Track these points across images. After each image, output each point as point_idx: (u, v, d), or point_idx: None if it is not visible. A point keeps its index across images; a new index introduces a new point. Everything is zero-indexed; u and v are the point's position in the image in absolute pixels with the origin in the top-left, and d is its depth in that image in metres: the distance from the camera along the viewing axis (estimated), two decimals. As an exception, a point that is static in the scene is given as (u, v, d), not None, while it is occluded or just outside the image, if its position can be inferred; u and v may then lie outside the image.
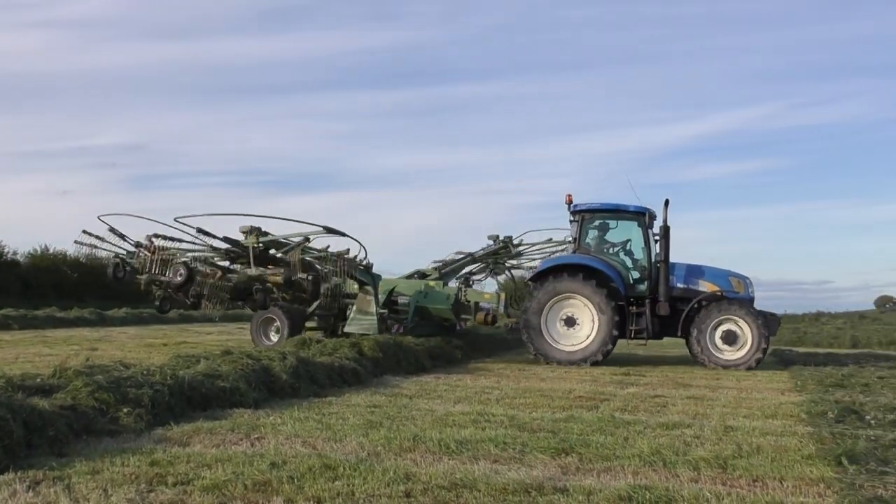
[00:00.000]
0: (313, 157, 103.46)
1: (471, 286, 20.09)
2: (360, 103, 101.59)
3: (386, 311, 17.94)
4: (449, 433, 8.26)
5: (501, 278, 21.68)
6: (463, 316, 20.05)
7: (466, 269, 21.39)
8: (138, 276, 18.57)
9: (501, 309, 19.46)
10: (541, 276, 17.65)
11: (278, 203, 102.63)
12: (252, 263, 17.56)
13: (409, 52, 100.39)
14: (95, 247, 18.76)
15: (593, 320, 17.08)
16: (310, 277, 17.86)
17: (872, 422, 9.51)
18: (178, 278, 17.16)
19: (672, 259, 17.36)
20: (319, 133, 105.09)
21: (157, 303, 19.82)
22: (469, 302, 19.76)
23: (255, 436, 8.05)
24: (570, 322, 17.32)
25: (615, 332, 17.00)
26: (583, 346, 17.11)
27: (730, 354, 16.86)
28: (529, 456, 7.33)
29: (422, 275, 20.69)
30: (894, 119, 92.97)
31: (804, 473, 6.74)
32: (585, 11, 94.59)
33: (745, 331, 16.79)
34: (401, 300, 18.61)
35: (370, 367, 14.02)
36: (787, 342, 33.98)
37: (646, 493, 5.92)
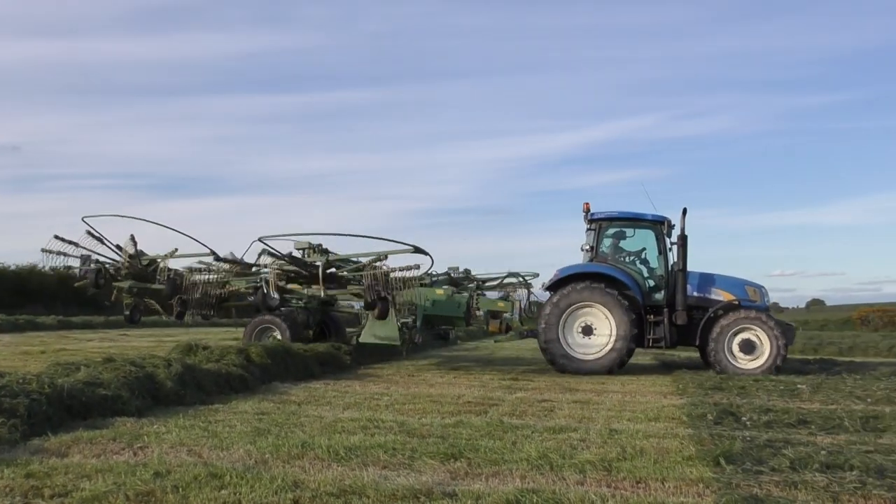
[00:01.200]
0: (199, 160, 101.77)
1: (482, 294, 19.62)
2: (247, 107, 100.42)
3: (410, 319, 17.53)
4: (338, 440, 8.21)
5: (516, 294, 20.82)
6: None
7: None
8: (116, 283, 18.28)
9: (516, 317, 19.02)
10: (558, 284, 17.46)
11: (162, 207, 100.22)
12: (321, 284, 17.51)
13: (297, 57, 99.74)
14: (65, 254, 18.07)
15: (611, 329, 16.95)
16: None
17: (748, 423, 9.87)
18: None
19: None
20: (205, 137, 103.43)
21: (128, 312, 19.20)
22: (480, 310, 19.41)
23: (138, 445, 7.84)
24: (588, 331, 17.15)
25: (633, 342, 16.96)
26: (600, 354, 16.95)
27: (747, 363, 16.81)
28: (419, 461, 7.33)
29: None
30: (767, 131, 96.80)
31: (685, 474, 6.94)
32: (473, 21, 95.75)
33: (763, 340, 16.82)
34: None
35: (258, 373, 13.82)
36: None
37: (533, 496, 6.00)
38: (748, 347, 16.86)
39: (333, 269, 18.16)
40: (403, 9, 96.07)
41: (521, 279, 19.40)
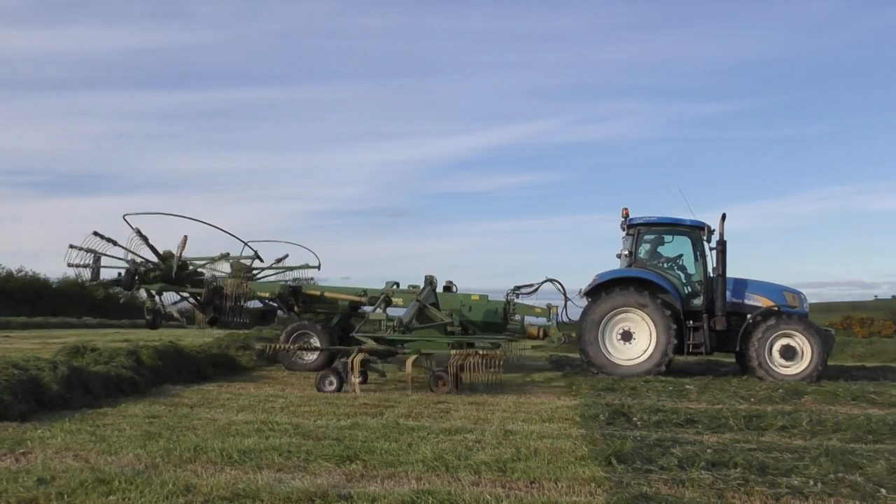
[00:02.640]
0: (92, 157, 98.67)
1: (518, 299, 19.25)
2: (144, 104, 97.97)
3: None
4: (231, 443, 8.08)
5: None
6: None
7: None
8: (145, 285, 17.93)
9: (553, 322, 18.68)
10: (598, 289, 17.20)
11: (52, 206, 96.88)
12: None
13: (195, 54, 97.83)
14: (97, 260, 17.43)
15: (650, 335, 16.78)
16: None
17: (639, 423, 10.12)
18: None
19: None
20: (96, 133, 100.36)
21: (149, 317, 18.47)
22: (517, 316, 19.08)
23: (21, 450, 7.58)
24: (627, 336, 16.97)
25: (673, 348, 16.75)
26: (640, 360, 16.74)
27: (788, 369, 16.64)
28: (314, 464, 7.28)
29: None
30: (659, 138, 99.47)
31: (577, 474, 7.06)
32: (374, 22, 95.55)
33: (805, 346, 16.66)
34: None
35: (149, 375, 13.50)
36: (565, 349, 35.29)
37: (429, 497, 6.02)
38: (789, 353, 16.72)
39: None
40: (304, 8, 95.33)
41: (558, 286, 19.09)
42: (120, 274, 18.24)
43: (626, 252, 17.91)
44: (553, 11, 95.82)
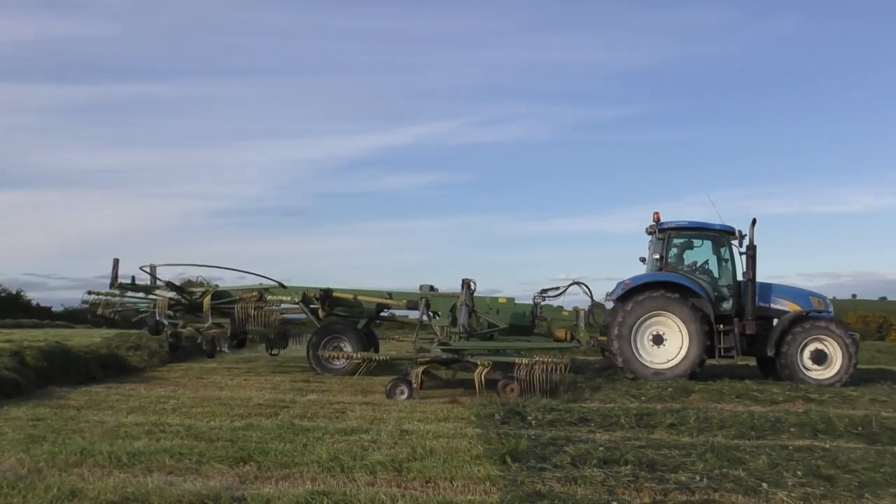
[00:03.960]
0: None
1: (545, 301, 18.55)
2: (33, 97, 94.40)
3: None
4: (120, 445, 7.89)
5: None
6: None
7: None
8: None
9: (581, 325, 17.83)
10: (629, 293, 16.98)
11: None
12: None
13: (88, 46, 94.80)
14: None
15: (682, 338, 16.63)
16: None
17: (533, 422, 10.25)
18: None
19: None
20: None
21: (172, 340, 17.77)
22: (546, 318, 18.72)
23: None
24: (658, 340, 16.81)
25: (706, 352, 16.64)
26: (672, 363, 16.59)
27: (818, 373, 16.61)
28: (206, 466, 7.16)
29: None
30: (560, 141, 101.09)
31: (473, 473, 7.12)
32: (273, 18, 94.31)
33: (835, 350, 16.67)
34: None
35: (33, 377, 13.04)
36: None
37: (324, 498, 5.99)
38: (820, 358, 16.72)
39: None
40: (201, 2, 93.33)
41: (585, 288, 18.88)
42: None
43: (657, 256, 17.69)
44: (452, 12, 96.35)
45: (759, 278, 17.33)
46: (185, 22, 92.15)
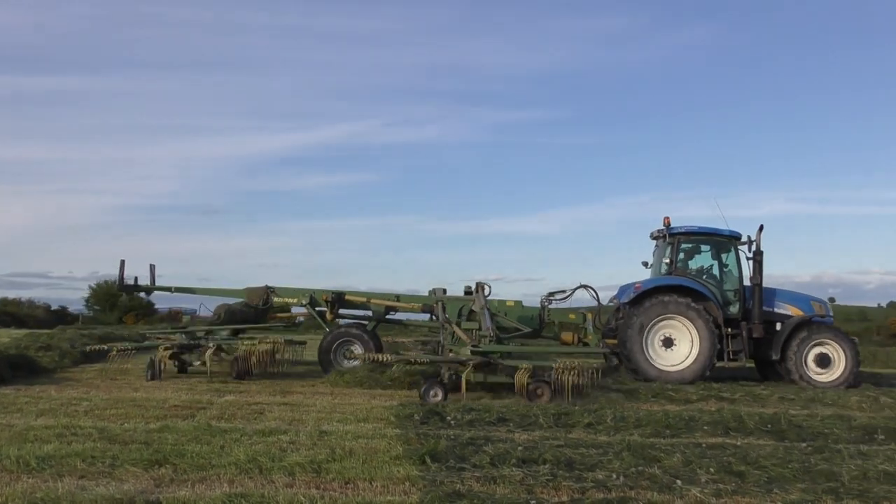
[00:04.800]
0: None
1: (551, 304, 18.51)
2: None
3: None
4: (29, 449, 7.67)
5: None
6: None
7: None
8: None
9: (589, 327, 17.85)
10: (641, 297, 17.16)
11: None
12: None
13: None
14: None
15: (692, 341, 16.88)
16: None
17: (452, 422, 10.29)
18: None
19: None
20: None
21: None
22: (554, 321, 18.44)
23: None
24: (668, 343, 17.01)
25: (716, 355, 16.90)
26: (682, 366, 16.80)
27: (823, 377, 16.95)
28: (120, 469, 7.00)
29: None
30: (475, 142, 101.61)
31: (392, 473, 7.11)
32: (187, 12, 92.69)
33: (839, 354, 17.05)
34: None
35: (-64, 379, 12.58)
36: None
37: (241, 500, 5.93)
38: (823, 361, 17.09)
39: None
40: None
41: (592, 292, 18.62)
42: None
43: (667, 260, 17.99)
44: (372, 12, 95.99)
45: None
46: (103, 13, 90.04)
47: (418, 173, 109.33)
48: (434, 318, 18.29)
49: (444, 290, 18.20)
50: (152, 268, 18.36)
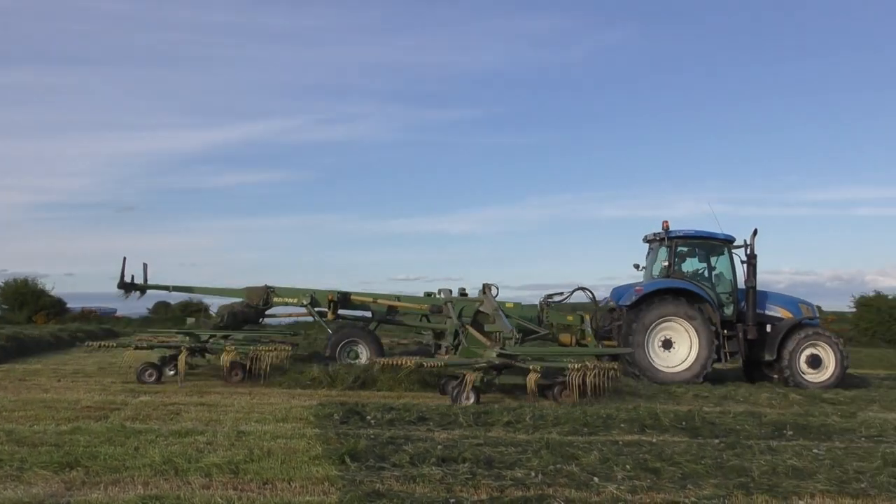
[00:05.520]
0: None
1: (550, 306, 18.60)
2: None
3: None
4: (-67, 453, 7.40)
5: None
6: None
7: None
8: None
9: (588, 329, 17.87)
10: (643, 299, 17.51)
11: None
12: None
13: None
14: None
15: (691, 343, 17.37)
16: None
17: (372, 421, 10.26)
18: None
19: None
20: None
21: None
22: (552, 322, 18.44)
23: None
24: (668, 344, 17.47)
25: (714, 355, 17.43)
26: (682, 367, 17.24)
27: (814, 377, 17.50)
28: (29, 472, 6.81)
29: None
30: (400, 141, 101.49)
31: (311, 473, 7.06)
32: (111, 5, 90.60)
33: (829, 355, 17.63)
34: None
35: None
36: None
37: (156, 502, 5.84)
38: (815, 362, 17.64)
39: None
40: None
41: (589, 294, 18.96)
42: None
43: (666, 263, 18.46)
44: (296, 9, 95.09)
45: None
46: (13, 5, 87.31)
47: (342, 172, 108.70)
48: (426, 319, 18.62)
49: (451, 291, 18.37)
50: (145, 266, 18.15)
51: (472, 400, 12.76)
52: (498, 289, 17.46)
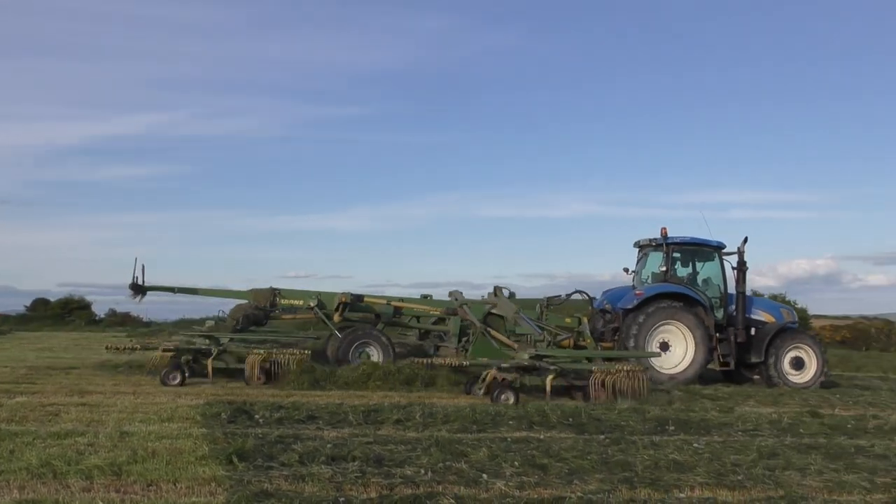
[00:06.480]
0: None
1: (549, 309, 18.48)
2: None
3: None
4: None
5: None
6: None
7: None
8: None
9: (586, 332, 17.49)
10: (641, 303, 18.00)
11: None
12: None
13: None
14: None
15: (686, 346, 18.02)
16: None
17: (261, 420, 10.14)
18: None
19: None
20: None
21: None
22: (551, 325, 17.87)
23: None
24: (664, 347, 18.03)
25: (710, 357, 18.25)
26: (678, 369, 17.82)
27: (797, 378, 18.38)
28: None
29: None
30: (288, 137, 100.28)
31: (198, 474, 6.93)
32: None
33: (812, 357, 18.59)
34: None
35: None
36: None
37: (34, 507, 5.62)
38: (798, 364, 18.52)
39: None
40: None
41: (586, 296, 19.27)
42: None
43: (663, 268, 18.89)
44: (183, 1, 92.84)
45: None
46: None
47: (228, 167, 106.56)
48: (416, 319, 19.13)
49: (462, 294, 18.49)
50: (142, 267, 17.84)
51: (511, 400, 13.13)
52: (510, 291, 17.96)
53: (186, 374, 14.97)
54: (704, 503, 6.76)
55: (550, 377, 13.75)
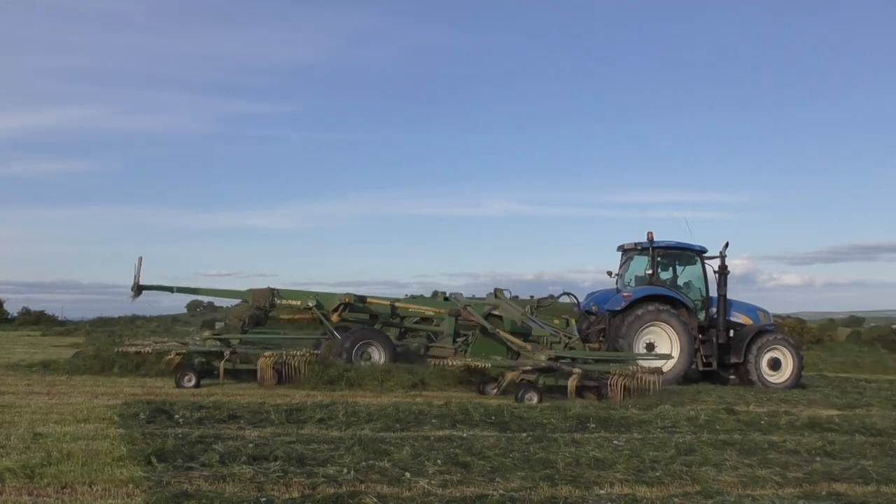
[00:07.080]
0: None
1: (538, 310, 18.43)
2: None
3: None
4: None
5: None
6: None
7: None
8: None
9: (575, 333, 17.38)
10: (628, 305, 18.63)
11: None
12: None
13: None
14: None
15: (671, 346, 18.64)
16: None
17: (181, 420, 9.99)
18: None
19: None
20: None
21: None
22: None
23: None
24: (650, 348, 18.58)
25: (694, 358, 18.93)
26: (666, 368, 17.41)
27: (775, 378, 19.28)
28: None
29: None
30: (213, 133, 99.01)
31: (114, 476, 6.79)
32: None
33: (788, 358, 19.51)
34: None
35: None
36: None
37: (-60, 512, 5.44)
38: (775, 365, 19.42)
39: None
40: None
41: (573, 298, 19.72)
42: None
43: (649, 271, 19.60)
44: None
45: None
46: None
47: (150, 163, 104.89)
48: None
49: (462, 295, 18.66)
50: (139, 259, 17.57)
51: (535, 400, 13.48)
52: (510, 292, 18.21)
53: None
54: (624, 499, 6.87)
55: (573, 379, 14.12)
